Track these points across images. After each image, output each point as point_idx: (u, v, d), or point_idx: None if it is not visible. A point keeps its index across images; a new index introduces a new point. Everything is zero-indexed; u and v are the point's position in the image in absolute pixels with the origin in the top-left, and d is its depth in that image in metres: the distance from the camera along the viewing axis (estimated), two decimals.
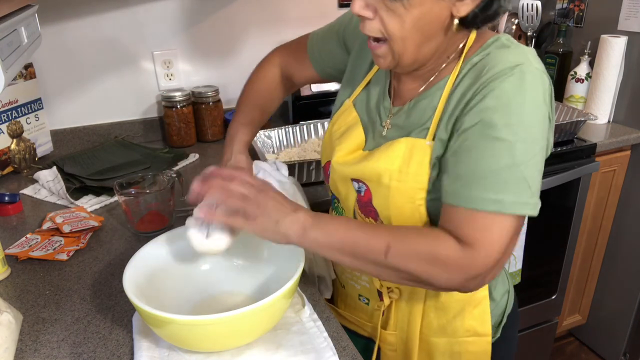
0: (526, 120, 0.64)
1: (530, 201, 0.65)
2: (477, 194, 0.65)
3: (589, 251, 1.85)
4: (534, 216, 0.66)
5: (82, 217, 1.11)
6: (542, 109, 0.66)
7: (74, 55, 1.51)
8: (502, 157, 0.64)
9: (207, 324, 0.66)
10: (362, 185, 0.79)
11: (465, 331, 0.85)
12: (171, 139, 1.59)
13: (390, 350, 0.92)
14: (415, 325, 0.86)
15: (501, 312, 0.90)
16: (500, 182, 0.64)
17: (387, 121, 0.80)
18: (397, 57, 0.71)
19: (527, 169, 0.64)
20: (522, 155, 0.64)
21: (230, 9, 1.64)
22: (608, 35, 1.62)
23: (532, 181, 0.65)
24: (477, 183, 0.65)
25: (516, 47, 0.70)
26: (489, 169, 0.64)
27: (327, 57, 0.96)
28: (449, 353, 0.87)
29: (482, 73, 0.68)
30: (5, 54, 0.72)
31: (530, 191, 0.65)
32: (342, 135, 0.85)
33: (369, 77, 0.86)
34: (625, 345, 1.91)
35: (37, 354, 0.76)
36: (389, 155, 0.74)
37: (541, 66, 0.68)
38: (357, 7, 0.68)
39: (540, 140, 0.66)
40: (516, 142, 0.64)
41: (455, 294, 0.82)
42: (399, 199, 0.74)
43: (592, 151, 1.56)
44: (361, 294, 0.92)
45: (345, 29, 0.92)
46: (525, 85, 0.65)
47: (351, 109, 0.86)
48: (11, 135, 1.36)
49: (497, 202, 0.64)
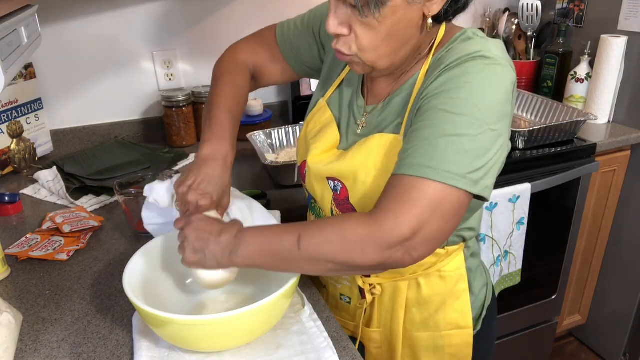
0: (475, 98, 0.64)
1: (470, 176, 0.63)
2: (410, 160, 0.64)
3: (589, 251, 1.85)
4: (477, 195, 0.64)
5: (82, 217, 1.11)
6: (498, 93, 0.65)
7: (74, 55, 1.51)
8: (442, 127, 0.64)
9: (207, 324, 0.66)
10: (338, 183, 0.79)
11: (447, 324, 0.86)
12: (171, 139, 1.59)
13: (375, 347, 0.92)
14: (398, 321, 0.87)
15: (481, 305, 0.92)
16: (436, 149, 0.63)
17: (362, 120, 0.81)
18: (370, 65, 0.71)
19: (470, 142, 0.63)
20: (465, 129, 0.63)
21: (230, 9, 1.64)
22: (608, 35, 1.62)
23: (477, 158, 0.63)
24: (414, 152, 0.65)
25: (480, 39, 0.70)
26: (428, 137, 0.64)
27: (302, 51, 0.92)
28: (432, 347, 0.88)
29: (446, 65, 0.68)
30: (5, 54, 0.72)
31: (472, 167, 0.63)
32: (317, 134, 0.85)
33: (342, 76, 0.86)
34: (625, 345, 1.91)
35: (37, 354, 0.76)
36: (363, 152, 0.75)
37: (504, 56, 0.68)
38: (332, 27, 0.68)
39: (492, 122, 0.64)
40: (460, 114, 0.63)
41: (435, 287, 0.83)
42: (376, 195, 0.73)
43: (592, 151, 1.56)
44: (342, 293, 0.93)
45: (321, 26, 0.89)
46: (479, 67, 0.65)
47: (325, 108, 0.87)
48: (11, 135, 1.36)
49: (427, 167, 0.62)
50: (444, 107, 0.65)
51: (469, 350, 0.89)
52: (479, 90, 0.64)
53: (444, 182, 0.62)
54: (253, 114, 1.62)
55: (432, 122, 0.65)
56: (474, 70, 0.65)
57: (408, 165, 0.64)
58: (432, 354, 0.89)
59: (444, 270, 0.83)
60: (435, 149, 0.63)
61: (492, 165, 0.65)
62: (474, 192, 0.64)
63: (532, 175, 1.48)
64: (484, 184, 0.65)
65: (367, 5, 0.63)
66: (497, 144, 0.66)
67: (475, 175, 0.63)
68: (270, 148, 1.47)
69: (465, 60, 0.66)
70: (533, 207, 1.47)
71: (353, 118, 0.83)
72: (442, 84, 0.67)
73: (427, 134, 0.64)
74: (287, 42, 0.93)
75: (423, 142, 0.64)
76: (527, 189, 1.44)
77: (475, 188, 0.64)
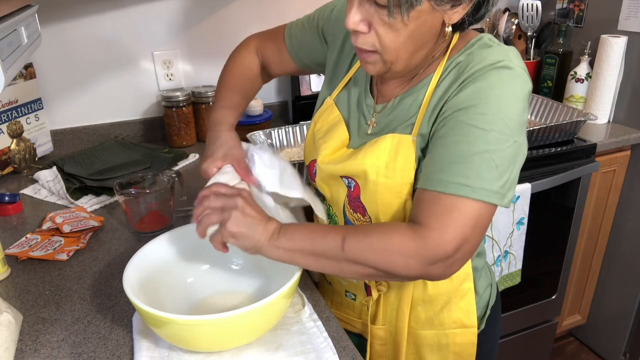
0: (503, 113, 0.65)
1: (500, 191, 0.66)
2: (446, 177, 0.66)
3: (589, 251, 1.85)
4: (504, 207, 0.67)
5: (82, 217, 1.11)
6: (520, 105, 0.67)
7: (74, 55, 1.51)
8: (475, 144, 0.65)
9: (207, 324, 0.66)
10: (352, 181, 0.80)
11: (452, 323, 0.86)
12: (171, 139, 1.59)
13: (380, 344, 0.93)
14: (403, 318, 0.87)
15: (485, 305, 0.92)
16: (471, 167, 0.65)
17: (372, 119, 0.81)
18: (388, 66, 0.71)
19: (499, 158, 0.65)
20: (496, 144, 0.65)
21: (230, 9, 1.64)
22: (608, 35, 1.62)
23: (505, 171, 0.66)
24: (448, 167, 0.66)
25: (498, 46, 0.71)
26: (462, 154, 0.65)
27: (305, 48, 0.95)
28: (436, 345, 0.88)
29: (465, 70, 0.70)
30: (5, 54, 0.72)
31: (502, 181, 0.66)
32: (325, 134, 0.85)
33: (350, 74, 0.86)
34: (625, 345, 1.91)
35: (37, 354, 0.76)
36: (375, 152, 0.75)
37: (522, 65, 0.70)
38: (351, 22, 0.67)
39: (515, 133, 0.66)
40: (491, 131, 0.65)
41: (441, 286, 0.84)
42: (386, 195, 0.75)
43: (592, 151, 1.56)
44: (348, 289, 0.93)
45: (325, 23, 0.92)
46: (504, 79, 0.66)
47: (333, 107, 0.87)
48: (11, 135, 1.36)
49: (465, 186, 0.64)
50: (476, 124, 0.65)
51: (473, 349, 0.89)
52: (505, 103, 0.66)
53: (481, 199, 0.65)
54: (253, 114, 1.62)
55: (464, 137, 0.66)
56: (499, 83, 0.66)
57: (445, 183, 0.66)
58: (437, 352, 0.89)
59: None
60: (470, 167, 0.65)
61: (515, 175, 0.68)
62: (503, 205, 0.67)
63: (532, 175, 1.48)
64: (510, 196, 0.67)
65: (398, 7, 0.63)
66: (520, 154, 0.68)
67: (504, 189, 0.66)
68: (270, 148, 1.47)
69: (489, 69, 0.67)
70: (533, 207, 1.47)
71: (363, 118, 0.83)
72: (469, 97, 0.67)
73: (461, 150, 0.66)
74: (293, 38, 0.96)
75: (457, 158, 0.66)
76: (527, 188, 1.44)
77: (504, 201, 0.67)
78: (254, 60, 1.01)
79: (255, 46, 1.01)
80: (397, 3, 0.63)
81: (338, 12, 0.89)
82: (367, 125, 0.82)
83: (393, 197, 0.75)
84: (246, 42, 1.03)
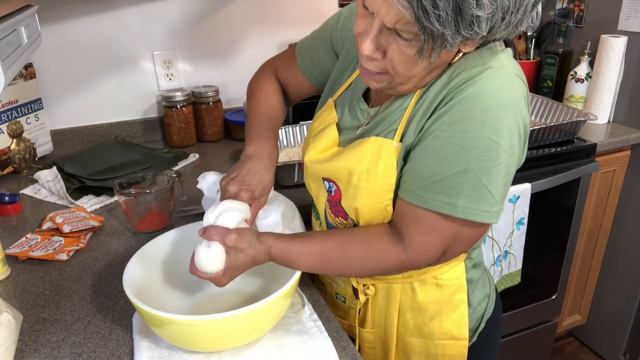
0: (487, 128, 0.63)
1: (490, 209, 0.66)
2: (431, 195, 0.67)
3: (589, 251, 1.85)
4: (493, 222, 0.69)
5: (82, 217, 1.11)
6: (510, 113, 0.64)
7: (74, 55, 1.51)
8: (457, 162, 0.64)
9: (207, 324, 0.66)
10: (333, 184, 0.79)
11: (442, 334, 0.85)
12: (171, 139, 1.59)
13: (370, 347, 0.92)
14: (391, 323, 0.86)
15: (479, 317, 0.90)
16: (454, 186, 0.65)
17: (364, 122, 0.80)
18: (394, 85, 0.70)
19: (486, 176, 0.64)
20: (478, 163, 0.64)
21: (230, 9, 1.64)
22: (608, 35, 1.62)
23: (494, 189, 0.65)
24: (432, 185, 0.66)
25: (491, 49, 0.69)
26: (444, 172, 0.65)
27: (316, 64, 0.94)
28: (425, 354, 0.87)
29: (452, 77, 0.68)
30: (5, 54, 0.72)
31: (493, 199, 0.66)
32: (317, 133, 0.85)
33: (353, 77, 0.86)
34: (625, 345, 1.91)
35: (37, 354, 0.76)
36: (357, 154, 0.74)
37: (515, 69, 0.68)
38: (367, 50, 0.64)
39: (508, 145, 0.64)
40: (473, 149, 0.63)
41: (431, 295, 0.83)
42: (366, 200, 0.74)
43: (592, 151, 1.56)
44: (338, 292, 0.93)
45: (331, 34, 0.91)
46: (491, 90, 0.64)
47: (332, 108, 0.87)
48: (11, 135, 1.36)
49: (449, 204, 0.66)
50: (458, 142, 0.64)
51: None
52: (491, 118, 0.63)
53: (463, 217, 0.66)
54: None
55: (446, 155, 0.65)
56: (487, 93, 0.63)
57: (428, 201, 0.67)
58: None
59: (440, 278, 0.82)
60: (453, 185, 0.65)
61: (506, 186, 0.68)
62: (490, 221, 0.68)
63: (532, 175, 1.48)
64: (497, 209, 0.67)
65: (431, 51, 0.61)
66: (514, 164, 0.68)
67: (493, 206, 0.66)
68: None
69: (477, 79, 0.64)
70: (533, 207, 1.47)
71: (357, 120, 0.82)
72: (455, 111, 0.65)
73: (443, 168, 0.65)
74: (305, 56, 0.96)
75: (439, 176, 0.66)
76: (527, 189, 1.44)
77: (495, 218, 0.67)
78: (276, 86, 0.99)
79: (271, 70, 1.01)
80: (431, 48, 0.60)
81: (345, 18, 0.89)
82: (360, 128, 0.81)
83: (373, 202, 0.74)
84: (262, 71, 1.01)
